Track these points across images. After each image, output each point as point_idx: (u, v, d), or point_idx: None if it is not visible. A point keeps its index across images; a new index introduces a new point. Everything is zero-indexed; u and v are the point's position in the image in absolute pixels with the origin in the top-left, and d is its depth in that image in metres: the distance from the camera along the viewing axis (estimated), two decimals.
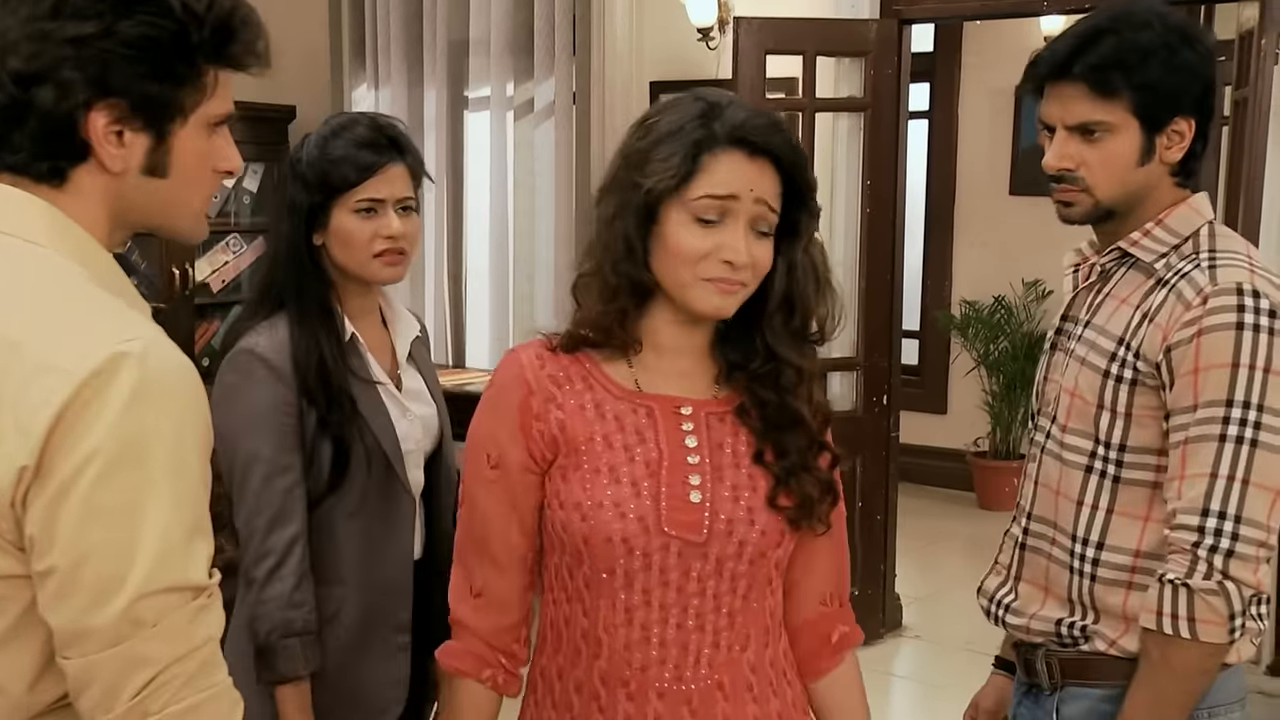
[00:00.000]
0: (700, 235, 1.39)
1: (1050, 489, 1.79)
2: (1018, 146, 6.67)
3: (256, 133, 5.41)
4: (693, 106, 1.41)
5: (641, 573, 1.42)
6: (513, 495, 1.46)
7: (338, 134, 1.96)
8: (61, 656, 1.12)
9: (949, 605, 5.19)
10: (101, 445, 1.08)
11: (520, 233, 5.22)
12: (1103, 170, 1.70)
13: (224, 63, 1.24)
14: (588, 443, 1.44)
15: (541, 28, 5.00)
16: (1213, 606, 1.59)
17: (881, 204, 4.51)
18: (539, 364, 1.47)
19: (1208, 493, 1.60)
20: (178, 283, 5.14)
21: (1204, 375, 1.61)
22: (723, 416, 1.49)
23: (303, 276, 1.96)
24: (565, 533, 1.43)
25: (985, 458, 6.62)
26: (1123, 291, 1.74)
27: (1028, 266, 6.37)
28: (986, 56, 6.65)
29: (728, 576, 1.45)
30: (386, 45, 5.42)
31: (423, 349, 2.14)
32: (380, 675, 1.99)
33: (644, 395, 1.47)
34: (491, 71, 5.15)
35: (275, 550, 1.90)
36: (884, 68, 4.42)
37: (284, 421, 1.91)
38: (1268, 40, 3.40)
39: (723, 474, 1.46)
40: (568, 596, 1.47)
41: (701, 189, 1.39)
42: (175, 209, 1.27)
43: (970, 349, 6.65)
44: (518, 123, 5.18)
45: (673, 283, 1.42)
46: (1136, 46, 1.67)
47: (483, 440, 1.47)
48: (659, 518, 1.41)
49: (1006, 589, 1.87)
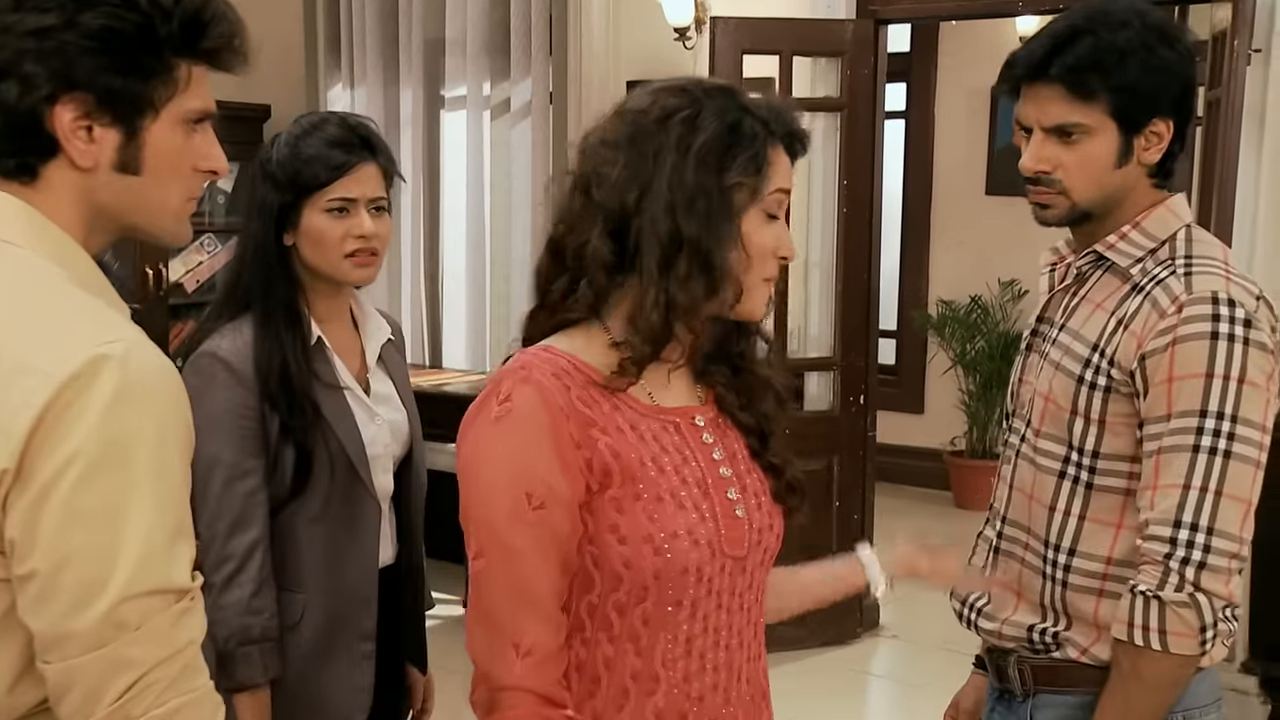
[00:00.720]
0: (769, 232, 1.36)
1: (1024, 493, 1.78)
2: (994, 146, 6.70)
3: (231, 132, 5.33)
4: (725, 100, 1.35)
5: (704, 599, 1.35)
6: (559, 535, 1.30)
7: (309, 133, 1.93)
8: (42, 661, 1.11)
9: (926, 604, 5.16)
10: (82, 448, 1.07)
11: (497, 232, 5.21)
12: (1080, 172, 1.68)
13: (196, 58, 1.22)
14: (641, 468, 1.32)
15: (518, 27, 4.99)
16: (1184, 619, 1.57)
17: (858, 204, 4.52)
18: (562, 384, 1.31)
19: (1180, 504, 1.58)
20: (151, 283, 5.10)
21: (1178, 385, 1.59)
22: (717, 420, 1.45)
23: (270, 278, 1.93)
24: (629, 569, 1.31)
25: (962, 457, 6.64)
26: (1098, 295, 1.72)
27: (1004, 266, 6.39)
28: (963, 57, 6.67)
29: (756, 587, 1.42)
30: (362, 44, 5.41)
31: (395, 352, 2.11)
32: (343, 683, 1.96)
33: (664, 409, 1.39)
34: (468, 71, 5.14)
35: (235, 555, 1.87)
36: (860, 68, 4.42)
37: (245, 425, 1.88)
38: (1240, 41, 3.42)
39: (745, 482, 1.42)
40: (611, 637, 1.34)
41: (775, 183, 1.35)
42: (152, 208, 1.24)
43: (947, 349, 6.67)
44: (494, 122, 5.18)
45: (746, 290, 1.36)
46: (1114, 47, 1.64)
47: (518, 477, 1.28)
48: (720, 539, 1.35)
49: (979, 592, 1.85)
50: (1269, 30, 3.64)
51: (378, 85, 5.39)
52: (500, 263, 5.22)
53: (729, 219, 1.33)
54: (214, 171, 1.28)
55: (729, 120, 1.33)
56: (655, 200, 1.32)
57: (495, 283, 5.24)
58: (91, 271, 1.22)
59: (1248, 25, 3.44)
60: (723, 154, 1.33)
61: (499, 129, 5.16)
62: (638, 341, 1.33)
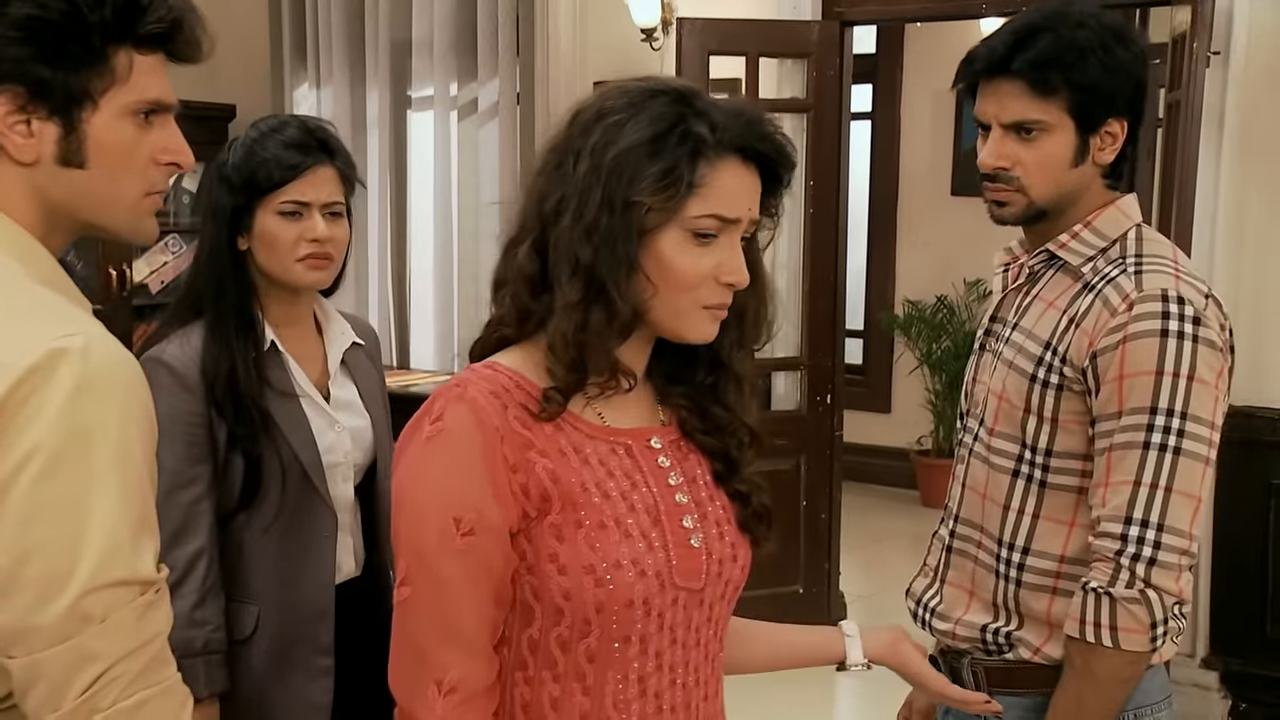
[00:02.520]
0: (697, 255, 1.23)
1: (977, 492, 1.78)
2: (959, 147, 6.74)
3: (195, 132, 5.23)
4: (661, 99, 1.23)
5: (655, 635, 1.25)
6: (489, 564, 1.21)
7: (266, 136, 1.91)
8: (5, 656, 1.09)
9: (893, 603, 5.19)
10: (43, 441, 1.06)
11: (464, 233, 5.20)
12: (1038, 170, 1.69)
13: (137, 45, 1.18)
14: (583, 493, 1.23)
15: (485, 28, 4.99)
16: (1134, 615, 1.58)
17: (825, 204, 4.54)
18: (499, 403, 1.22)
19: (1131, 500, 1.59)
20: (115, 283, 5.06)
21: (1129, 382, 1.60)
22: (679, 443, 1.34)
23: (223, 282, 1.90)
24: (569, 600, 1.22)
25: (929, 456, 6.68)
26: (1050, 294, 1.74)
27: (969, 266, 6.44)
28: (928, 58, 6.71)
29: (715, 621, 1.32)
30: (328, 44, 5.38)
31: (364, 359, 2.07)
32: (299, 700, 1.91)
33: (615, 431, 1.29)
34: (435, 71, 5.12)
35: (176, 566, 1.81)
36: (826, 69, 4.45)
37: (189, 432, 1.85)
38: (1199, 44, 3.46)
39: (705, 510, 1.32)
40: (556, 674, 1.25)
41: (705, 207, 1.22)
42: (103, 203, 1.22)
43: (913, 348, 6.71)
44: (461, 123, 5.17)
45: (669, 312, 1.25)
46: (1074, 44, 1.66)
47: (447, 502, 1.20)
48: (670, 570, 1.25)
49: (932, 592, 1.86)
50: (1228, 33, 3.70)
51: (344, 85, 5.37)
52: (468, 263, 5.21)
53: (626, 239, 1.21)
54: (176, 165, 1.25)
55: (659, 127, 1.21)
56: (565, 213, 1.23)
57: (463, 283, 5.23)
58: (52, 268, 1.21)
59: (1207, 28, 3.48)
60: (637, 165, 1.21)
61: (466, 129, 5.15)
62: (559, 369, 1.24)
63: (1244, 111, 3.74)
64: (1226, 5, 3.68)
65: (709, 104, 1.25)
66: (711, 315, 1.26)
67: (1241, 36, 3.71)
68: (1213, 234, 3.77)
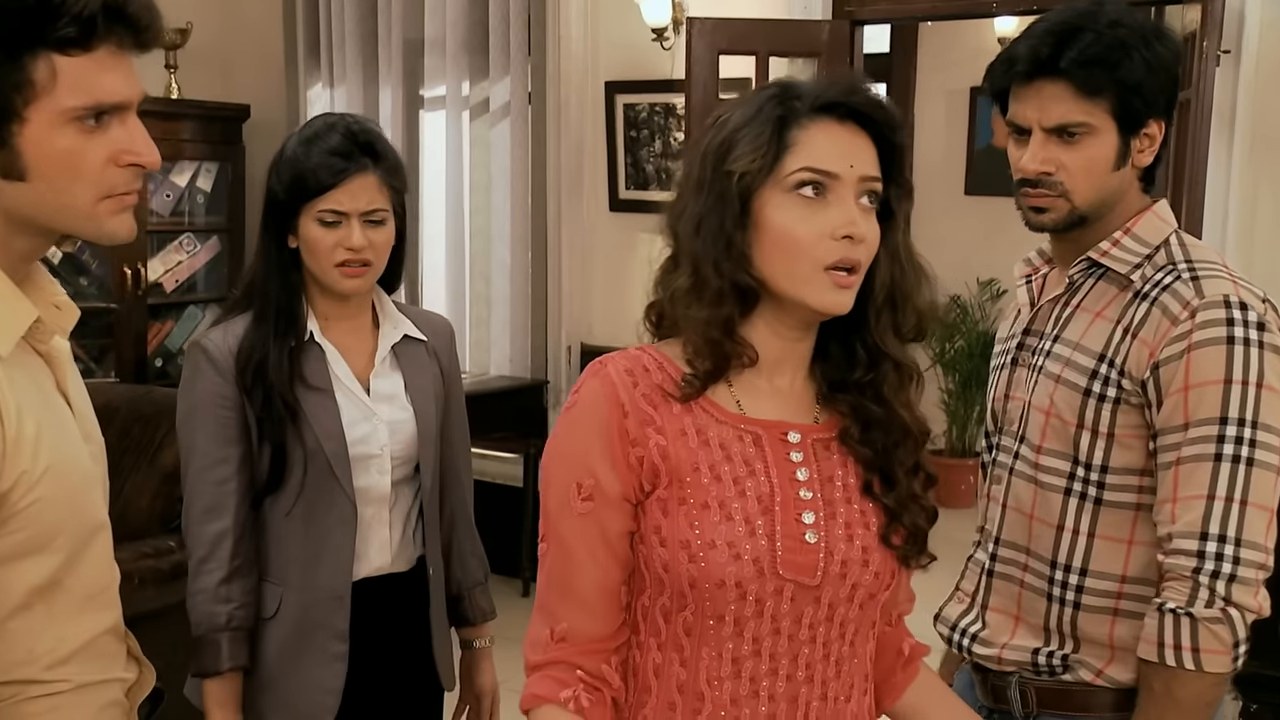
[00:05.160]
0: (806, 215, 1.24)
1: (1023, 513, 1.71)
2: (973, 147, 6.73)
3: (209, 131, 5.37)
4: (765, 91, 1.29)
5: (753, 619, 1.26)
6: (607, 528, 1.28)
7: (314, 139, 1.93)
8: None
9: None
10: None
11: (477, 232, 5.22)
12: (1082, 175, 1.63)
13: (58, 49, 1.14)
14: (693, 473, 1.27)
15: (497, 27, 5.00)
16: (1217, 635, 1.51)
17: None
18: (630, 380, 1.29)
19: (1206, 515, 1.52)
20: (130, 282, 5.09)
21: (1195, 393, 1.54)
22: (828, 444, 1.34)
23: (269, 278, 1.96)
24: (667, 573, 1.27)
25: (942, 455, 6.66)
26: (1095, 304, 1.67)
27: (982, 266, 6.42)
28: (942, 58, 6.70)
29: (838, 622, 1.30)
30: (341, 44, 5.40)
31: (420, 353, 2.07)
32: (312, 682, 1.96)
33: (749, 420, 1.31)
34: (447, 71, 5.14)
35: (204, 542, 1.91)
36: (836, 68, 4.43)
37: (221, 415, 1.92)
38: (1210, 42, 3.45)
39: (835, 510, 1.31)
40: (660, 643, 1.30)
41: (798, 161, 1.24)
42: (55, 211, 1.21)
43: (927, 348, 6.69)
44: (473, 122, 5.19)
45: (787, 279, 1.25)
46: (1118, 42, 1.59)
47: (571, 468, 1.29)
48: (774, 559, 1.26)
49: (972, 617, 1.78)
50: (1238, 32, 3.68)
51: (357, 85, 5.39)
52: (480, 263, 5.23)
53: (725, 210, 1.25)
54: (137, 164, 1.22)
55: (750, 110, 1.27)
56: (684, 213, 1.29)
57: (475, 283, 5.25)
58: None
59: (1217, 26, 3.47)
60: (728, 143, 1.26)
61: (478, 129, 5.17)
62: (695, 358, 1.29)
63: (1254, 109, 3.73)
64: (1237, 4, 3.67)
65: (808, 84, 1.28)
66: (834, 281, 1.25)
67: (1252, 35, 3.70)
68: (1224, 232, 3.75)
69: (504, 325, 5.16)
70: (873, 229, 1.27)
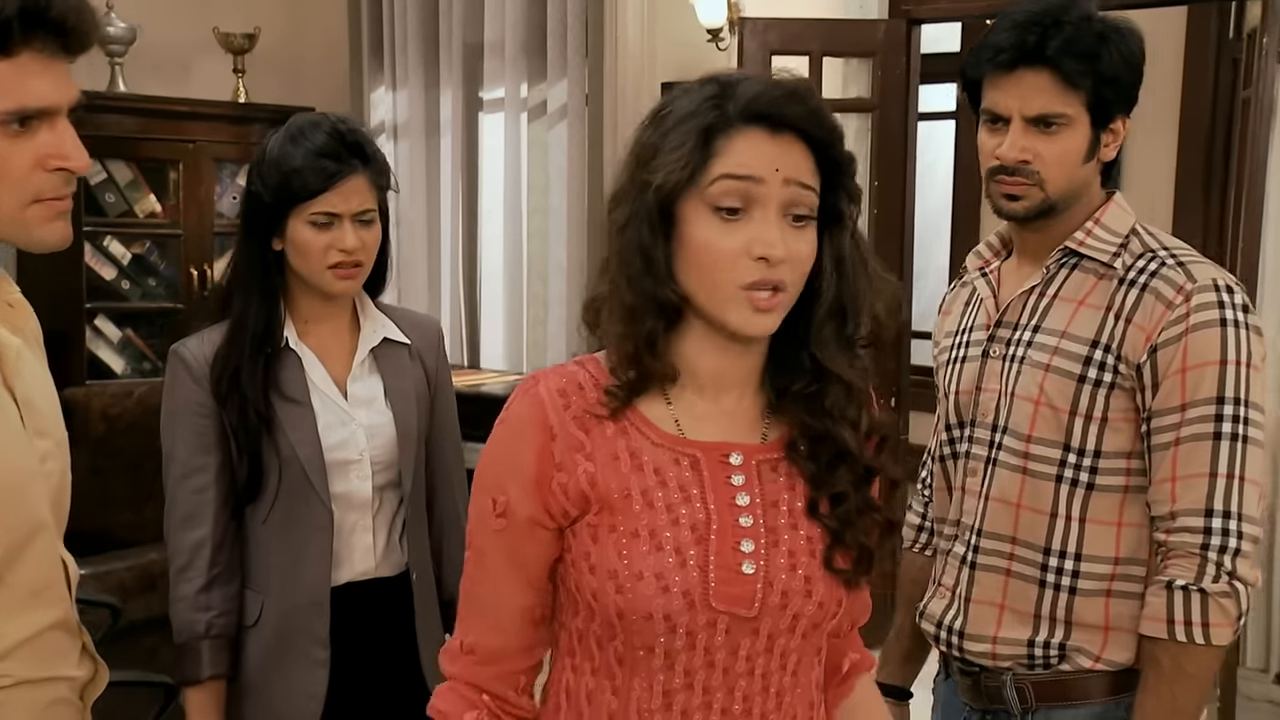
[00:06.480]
0: (723, 230, 1.18)
1: (1008, 503, 1.73)
2: None
3: None
4: (704, 89, 1.21)
5: (684, 652, 1.21)
6: (517, 550, 1.25)
7: (298, 139, 1.91)
8: None
9: None
10: None
11: (534, 234, 5.25)
12: (1056, 165, 1.68)
13: None
14: (624, 500, 1.22)
15: (554, 29, 5.03)
16: (1224, 609, 1.57)
17: (889, 205, 4.50)
18: (562, 401, 1.24)
19: (1210, 493, 1.57)
20: (196, 283, 5.20)
21: (1193, 374, 1.59)
22: (775, 464, 1.27)
23: (249, 286, 1.94)
24: (596, 601, 1.22)
25: None
26: (1074, 293, 1.70)
27: None
28: None
29: (778, 653, 1.24)
30: (404, 47, 5.47)
31: (401, 355, 2.05)
32: (296, 687, 1.95)
33: (687, 441, 1.25)
34: (506, 73, 5.18)
35: (183, 550, 1.92)
36: (892, 68, 4.40)
37: (198, 423, 1.92)
38: (1270, 39, 3.36)
39: (778, 538, 1.24)
40: (593, 668, 1.26)
41: (720, 169, 1.18)
42: None
43: None
44: (531, 124, 5.22)
45: (707, 296, 1.20)
46: (1094, 34, 1.64)
47: (488, 484, 1.26)
48: (707, 592, 1.20)
49: (954, 611, 1.80)
50: None
51: (419, 88, 5.45)
52: (537, 264, 5.26)
53: (645, 220, 1.19)
54: (66, 168, 1.21)
55: (684, 110, 1.20)
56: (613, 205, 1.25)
57: (532, 284, 5.28)
58: None
59: (1277, 23, 3.37)
60: (654, 148, 1.20)
61: (536, 131, 5.20)
62: (618, 368, 1.24)
63: None
64: None
65: (749, 84, 1.20)
66: (753, 302, 1.18)
67: None
68: None
69: (560, 325, 5.18)
70: (801, 246, 1.20)
